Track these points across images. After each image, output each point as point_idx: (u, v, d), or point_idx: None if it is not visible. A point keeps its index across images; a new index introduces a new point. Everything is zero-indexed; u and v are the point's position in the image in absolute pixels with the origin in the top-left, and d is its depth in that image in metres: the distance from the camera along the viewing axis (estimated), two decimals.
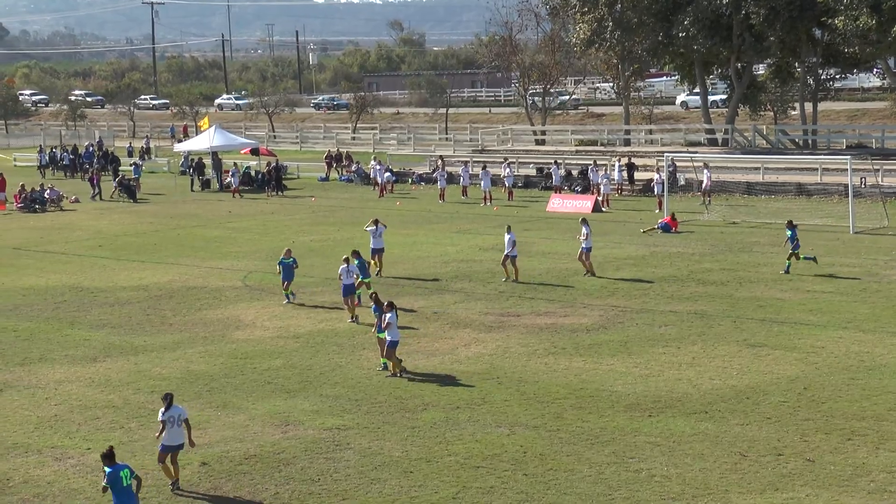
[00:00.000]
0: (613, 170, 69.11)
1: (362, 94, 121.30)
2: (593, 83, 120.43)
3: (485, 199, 64.96)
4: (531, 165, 77.03)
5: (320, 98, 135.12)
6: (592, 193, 65.10)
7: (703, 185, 62.32)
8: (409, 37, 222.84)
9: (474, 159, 78.72)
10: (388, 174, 72.91)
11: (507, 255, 41.16)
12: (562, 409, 26.08)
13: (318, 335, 33.80)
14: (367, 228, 43.47)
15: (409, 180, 78.06)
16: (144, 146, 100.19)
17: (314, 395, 27.84)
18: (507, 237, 41.01)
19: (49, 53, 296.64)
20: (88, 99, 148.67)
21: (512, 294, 39.23)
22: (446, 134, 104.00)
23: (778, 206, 60.50)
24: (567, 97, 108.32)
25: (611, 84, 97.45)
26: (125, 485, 19.07)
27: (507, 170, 68.31)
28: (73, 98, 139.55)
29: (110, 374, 30.15)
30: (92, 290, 41.86)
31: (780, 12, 72.78)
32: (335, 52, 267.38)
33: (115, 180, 74.87)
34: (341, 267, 35.84)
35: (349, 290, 35.66)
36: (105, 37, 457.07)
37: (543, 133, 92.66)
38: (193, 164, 79.28)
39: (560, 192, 66.49)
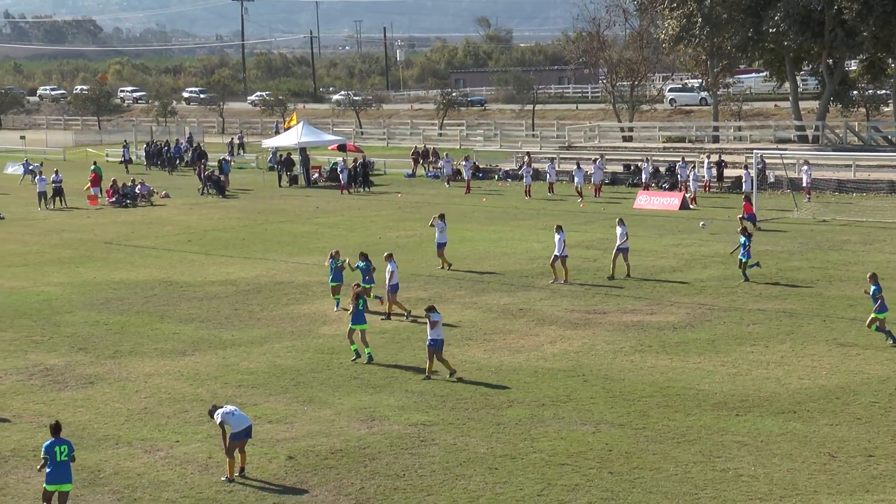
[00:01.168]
0: (702, 167, 68.55)
1: (449, 90, 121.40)
2: (681, 79, 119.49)
3: (578, 195, 64.74)
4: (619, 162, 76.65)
5: (454, 94, 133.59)
6: (680, 190, 64.63)
7: (805, 182, 61.62)
8: (496, 33, 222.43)
9: (561, 156, 78.49)
10: (444, 164, 74.08)
11: (556, 256, 40.65)
12: (648, 408, 25.93)
13: (403, 331, 33.88)
14: (436, 224, 43.59)
15: (496, 176, 78.01)
16: (237, 141, 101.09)
17: (399, 390, 27.92)
18: (557, 237, 40.52)
19: (141, 50, 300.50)
20: (202, 96, 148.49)
21: (598, 291, 39.06)
22: (533, 130, 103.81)
23: (869, 203, 59.64)
24: (707, 92, 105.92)
25: (699, 80, 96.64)
26: (59, 459, 19.91)
27: (594, 166, 67.99)
28: (186, 95, 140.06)
29: (199, 368, 30.48)
30: (181, 284, 42.33)
31: (874, 7, 71.70)
32: (422, 48, 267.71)
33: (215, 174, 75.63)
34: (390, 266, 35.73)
35: (395, 289, 35.69)
36: (195, 34, 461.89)
37: (631, 129, 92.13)
38: (282, 159, 79.82)
39: (648, 189, 66.08)
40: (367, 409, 26.39)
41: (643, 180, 68.32)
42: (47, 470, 20.03)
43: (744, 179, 61.44)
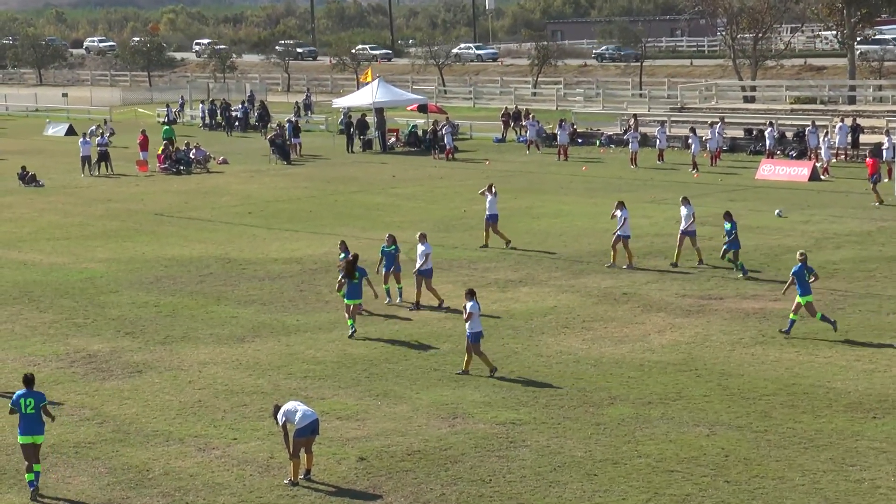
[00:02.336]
0: (835, 132, 67.72)
1: (544, 43, 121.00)
2: (812, 31, 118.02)
3: (694, 165, 64.10)
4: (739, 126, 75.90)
5: (603, 48, 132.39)
6: (810, 159, 63.93)
7: None
8: None
9: (672, 119, 77.95)
10: (528, 126, 75.31)
11: (618, 236, 40.05)
12: (770, 407, 25.72)
13: (492, 319, 33.82)
14: (487, 195, 43.31)
15: (597, 142, 77.68)
16: (305, 101, 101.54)
17: (486, 384, 27.93)
18: (618, 213, 39.96)
19: None
20: (299, 50, 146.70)
21: (714, 273, 38.79)
22: (640, 89, 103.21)
23: None
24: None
25: (833, 32, 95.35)
26: (24, 412, 22.16)
27: (711, 130, 67.37)
28: (279, 48, 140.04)
29: (259, 356, 30.69)
30: (240, 261, 42.64)
31: None
32: None
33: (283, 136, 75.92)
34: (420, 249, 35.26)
35: (428, 274, 35.33)
36: None
37: (753, 89, 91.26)
38: (352, 121, 79.84)
39: (772, 158, 65.44)
40: (449, 405, 26.43)
41: (767, 147, 67.60)
42: (19, 423, 22.23)
43: (884, 147, 60.55)
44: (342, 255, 35.49)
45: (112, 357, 30.93)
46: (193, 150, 70.87)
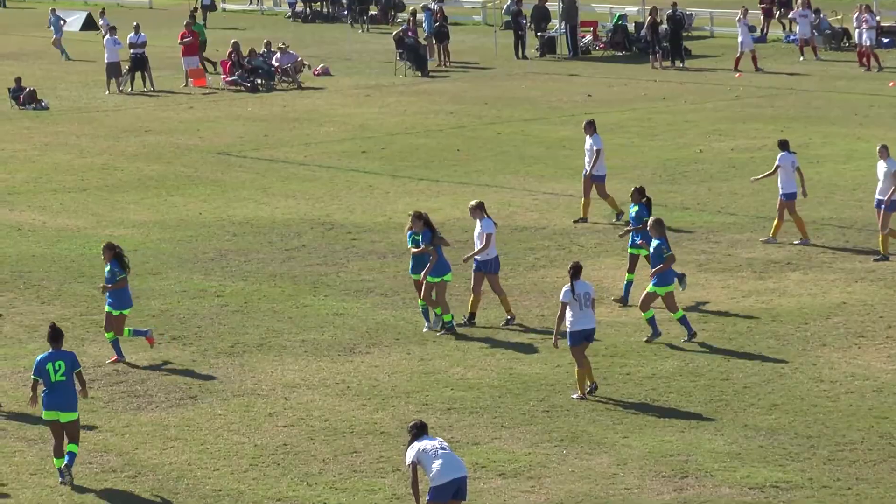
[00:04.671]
0: None
1: None
2: None
3: None
4: None
5: None
6: None
7: None
8: None
9: None
10: (797, 17, 74.49)
11: (880, 202, 38.82)
12: None
13: (743, 321, 33.64)
14: (589, 138, 43.01)
15: None
16: None
17: (732, 425, 27.80)
18: (883, 167, 38.64)
19: None
20: None
21: None
22: None
23: None
24: None
25: None
26: (54, 380, 24.28)
27: None
28: None
29: (378, 376, 30.80)
30: (348, 227, 42.83)
31: None
32: None
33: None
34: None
35: (492, 267, 34.55)
36: None
37: None
38: (530, 10, 79.63)
39: None
40: (676, 456, 26.36)
41: None
42: (42, 394, 23.59)
43: None
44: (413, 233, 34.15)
45: (151, 374, 31.28)
46: (277, 55, 70.99)
